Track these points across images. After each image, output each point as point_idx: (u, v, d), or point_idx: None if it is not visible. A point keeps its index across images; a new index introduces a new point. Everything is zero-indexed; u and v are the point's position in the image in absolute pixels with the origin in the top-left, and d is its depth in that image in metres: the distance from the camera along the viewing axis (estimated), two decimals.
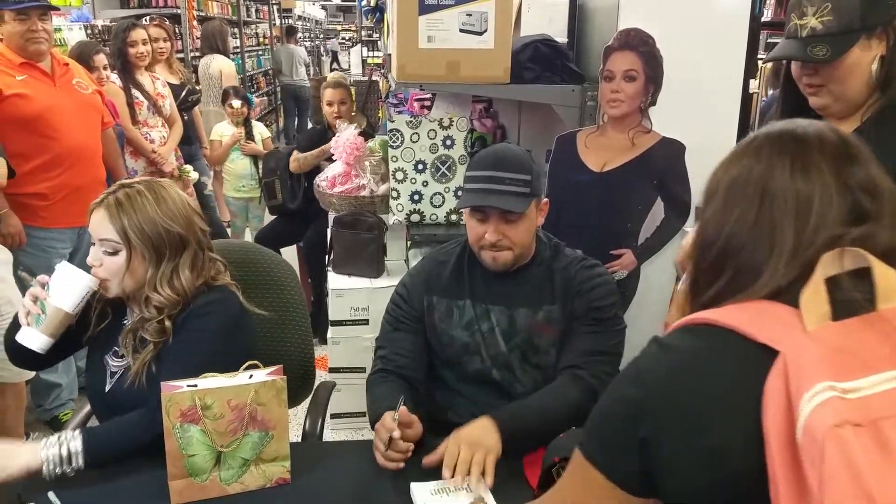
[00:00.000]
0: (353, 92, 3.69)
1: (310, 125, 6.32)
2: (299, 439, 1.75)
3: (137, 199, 1.44)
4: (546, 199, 1.64)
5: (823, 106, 1.42)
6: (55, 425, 2.83)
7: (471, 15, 2.22)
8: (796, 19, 1.38)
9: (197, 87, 4.79)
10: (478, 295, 1.64)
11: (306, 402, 1.83)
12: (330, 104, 3.60)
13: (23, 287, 2.58)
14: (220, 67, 5.26)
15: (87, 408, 1.66)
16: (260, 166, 4.22)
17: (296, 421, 1.84)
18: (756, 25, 2.26)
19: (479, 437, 1.36)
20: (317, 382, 1.88)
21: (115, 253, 1.44)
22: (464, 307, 1.64)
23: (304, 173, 3.56)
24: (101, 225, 1.44)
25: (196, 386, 1.28)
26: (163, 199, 1.46)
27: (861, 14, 1.33)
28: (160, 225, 1.44)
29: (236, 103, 4.21)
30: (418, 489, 1.30)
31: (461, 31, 2.23)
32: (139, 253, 1.43)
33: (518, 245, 1.57)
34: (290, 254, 3.85)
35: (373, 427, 1.46)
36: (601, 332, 1.57)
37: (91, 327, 1.52)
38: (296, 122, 9.36)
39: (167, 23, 4.39)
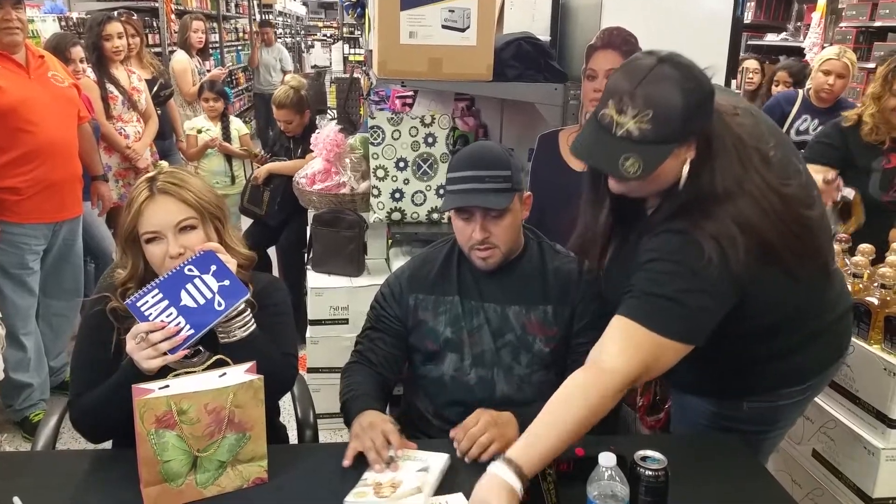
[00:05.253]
0: (305, 99, 3.72)
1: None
2: (295, 431, 1.76)
3: (182, 175, 1.46)
4: (529, 193, 1.65)
5: (622, 192, 1.37)
6: (25, 426, 2.77)
7: (453, 11, 2.20)
8: (613, 111, 1.25)
9: (171, 82, 4.73)
10: (467, 291, 1.65)
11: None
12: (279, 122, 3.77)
13: None
14: (173, 63, 5.21)
15: (60, 409, 1.61)
16: (234, 164, 4.20)
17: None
18: (738, 26, 2.27)
19: (499, 422, 1.42)
20: None
21: (194, 228, 1.43)
22: (452, 303, 1.64)
23: (283, 186, 3.55)
24: (167, 212, 1.41)
25: (168, 387, 1.25)
26: (193, 173, 1.53)
27: (680, 127, 1.24)
28: (211, 191, 1.48)
29: (205, 103, 4.22)
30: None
31: (443, 27, 2.22)
32: (210, 223, 1.45)
33: (504, 242, 1.58)
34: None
35: (343, 410, 1.52)
36: None
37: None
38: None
39: (135, 17, 4.33)
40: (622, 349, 1.26)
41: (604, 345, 1.29)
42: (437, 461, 1.36)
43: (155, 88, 4.09)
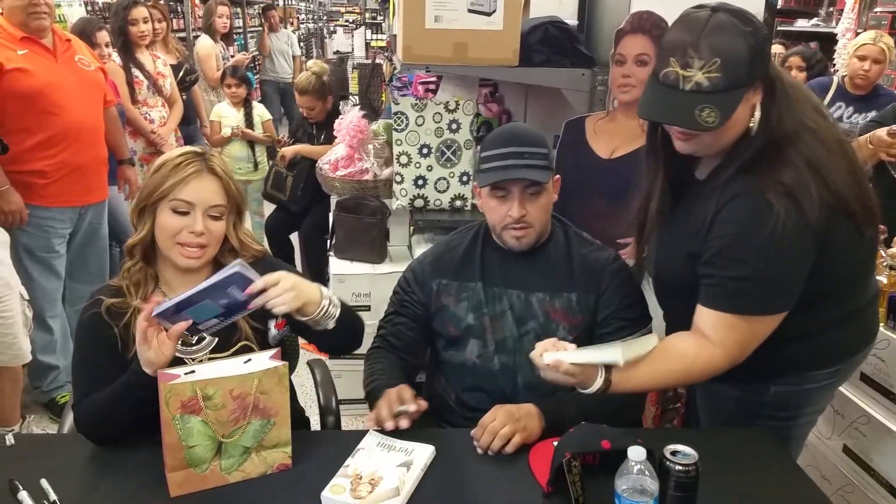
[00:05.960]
0: (327, 85, 3.70)
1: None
2: (317, 417, 1.77)
3: (226, 163, 1.47)
4: (558, 176, 1.65)
5: (691, 152, 1.37)
6: (52, 407, 2.80)
7: None
8: (678, 67, 1.25)
9: (195, 67, 4.75)
10: (491, 278, 1.64)
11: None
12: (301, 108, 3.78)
13: (21, 268, 2.56)
14: (198, 48, 5.23)
15: None
16: (256, 149, 4.20)
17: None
18: (771, 12, 2.21)
19: (518, 416, 1.40)
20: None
21: (220, 217, 1.43)
22: (474, 289, 1.63)
23: (307, 171, 3.56)
24: (210, 192, 1.41)
25: (194, 372, 1.25)
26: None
27: (748, 70, 1.25)
28: (238, 187, 1.49)
29: (227, 89, 4.23)
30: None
31: (469, 10, 2.18)
32: (230, 217, 1.46)
33: (539, 221, 1.59)
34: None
35: (368, 399, 1.52)
36: (635, 332, 1.56)
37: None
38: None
39: (161, 2, 4.34)
40: (717, 333, 1.32)
41: (703, 330, 1.33)
42: (422, 454, 1.34)
43: (181, 74, 4.11)
